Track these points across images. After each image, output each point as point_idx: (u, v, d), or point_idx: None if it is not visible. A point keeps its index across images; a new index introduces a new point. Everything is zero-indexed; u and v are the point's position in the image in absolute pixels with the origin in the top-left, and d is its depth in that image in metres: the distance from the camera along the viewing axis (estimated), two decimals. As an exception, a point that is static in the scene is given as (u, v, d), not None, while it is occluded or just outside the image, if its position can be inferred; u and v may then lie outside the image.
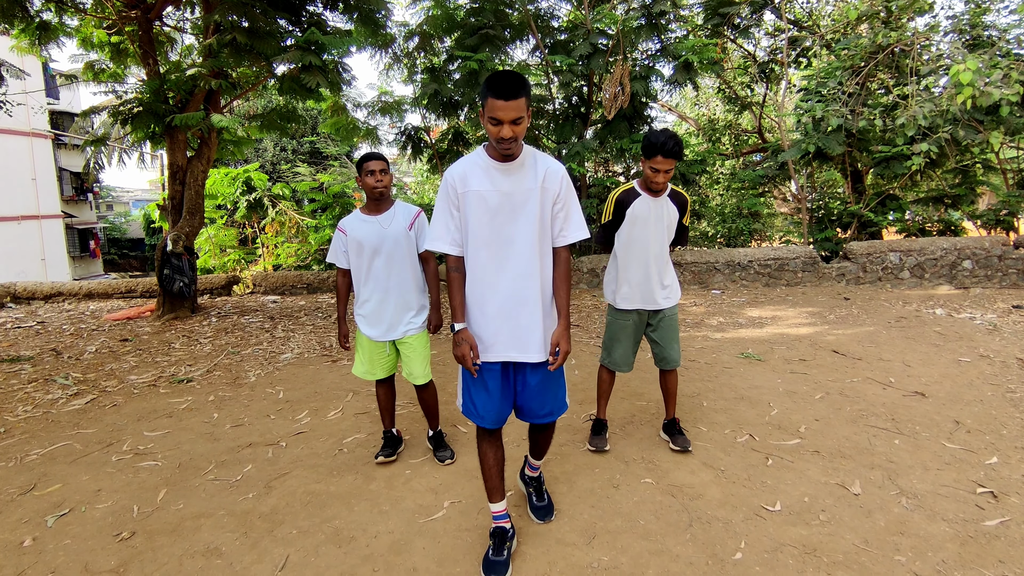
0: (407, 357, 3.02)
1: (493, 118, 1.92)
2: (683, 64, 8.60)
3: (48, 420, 3.76)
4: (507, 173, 2.06)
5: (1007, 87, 6.63)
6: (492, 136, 1.97)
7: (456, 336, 2.12)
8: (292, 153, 21.80)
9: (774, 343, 5.21)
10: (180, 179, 7.28)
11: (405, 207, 3.01)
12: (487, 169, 2.07)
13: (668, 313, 3.08)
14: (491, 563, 2.13)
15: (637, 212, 2.96)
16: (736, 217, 11.78)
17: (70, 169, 26.46)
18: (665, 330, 3.08)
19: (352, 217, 3.00)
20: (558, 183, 2.10)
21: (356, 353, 3.10)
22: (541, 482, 2.50)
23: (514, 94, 1.89)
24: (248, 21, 6.42)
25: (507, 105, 1.89)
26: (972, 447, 3.04)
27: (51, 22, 7.14)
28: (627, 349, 3.12)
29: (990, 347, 4.81)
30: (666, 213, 2.97)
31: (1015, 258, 7.73)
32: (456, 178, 2.09)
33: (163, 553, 2.29)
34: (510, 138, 1.94)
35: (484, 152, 2.09)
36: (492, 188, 2.05)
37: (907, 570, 2.09)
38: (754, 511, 2.50)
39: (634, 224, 2.97)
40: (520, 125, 1.94)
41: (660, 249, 3.00)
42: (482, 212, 2.06)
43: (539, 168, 2.08)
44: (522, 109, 1.91)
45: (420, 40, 9.14)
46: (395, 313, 2.94)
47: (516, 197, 2.05)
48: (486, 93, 1.92)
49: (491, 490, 2.25)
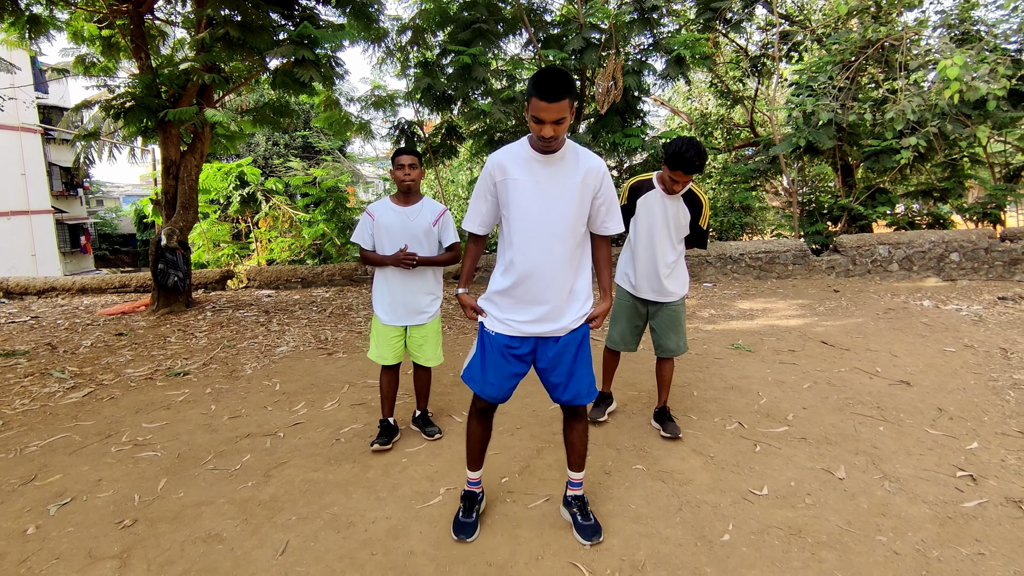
0: (420, 344, 3.19)
1: (536, 117, 1.97)
2: (675, 58, 8.65)
3: (46, 413, 3.79)
4: (547, 165, 2.12)
5: (994, 82, 6.73)
6: (534, 132, 2.03)
7: (459, 297, 2.35)
8: (284, 148, 21.73)
9: (764, 334, 5.30)
10: (173, 174, 7.27)
11: (433, 204, 3.17)
12: (528, 160, 2.13)
13: (672, 306, 3.17)
14: (461, 524, 2.32)
15: (648, 203, 3.07)
16: (728, 211, 11.85)
17: (60, 164, 26.21)
18: (664, 320, 3.18)
19: (382, 204, 3.16)
20: (599, 180, 2.17)
21: (371, 337, 3.25)
22: (585, 502, 2.37)
23: (558, 96, 1.91)
24: (241, 15, 6.41)
25: (550, 107, 1.92)
26: (954, 433, 3.13)
27: (41, 15, 7.08)
28: (624, 329, 3.26)
29: (975, 337, 4.91)
30: (677, 212, 3.05)
31: (1001, 251, 7.86)
32: (495, 167, 2.17)
33: (165, 539, 2.34)
34: (551, 137, 2.01)
35: (527, 142, 2.15)
36: (531, 179, 2.12)
37: (888, 549, 2.17)
38: (742, 495, 2.57)
39: (645, 216, 3.08)
40: (562, 125, 1.98)
41: (666, 246, 3.07)
42: (520, 200, 2.13)
43: (580, 164, 2.14)
44: (564, 111, 1.94)
45: (413, 34, 9.13)
46: (411, 301, 3.11)
47: (553, 189, 2.12)
48: (532, 92, 1.95)
49: (471, 460, 2.42)
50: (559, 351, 2.22)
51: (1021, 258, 7.76)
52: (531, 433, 3.29)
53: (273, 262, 12.14)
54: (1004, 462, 2.79)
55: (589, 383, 2.27)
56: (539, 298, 2.16)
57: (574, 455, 2.36)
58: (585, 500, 2.38)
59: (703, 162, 2.83)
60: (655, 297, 3.15)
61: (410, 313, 3.13)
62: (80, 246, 27.59)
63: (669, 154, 2.85)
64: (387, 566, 2.15)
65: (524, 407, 3.60)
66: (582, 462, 2.37)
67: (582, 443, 2.35)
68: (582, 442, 2.35)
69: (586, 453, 2.37)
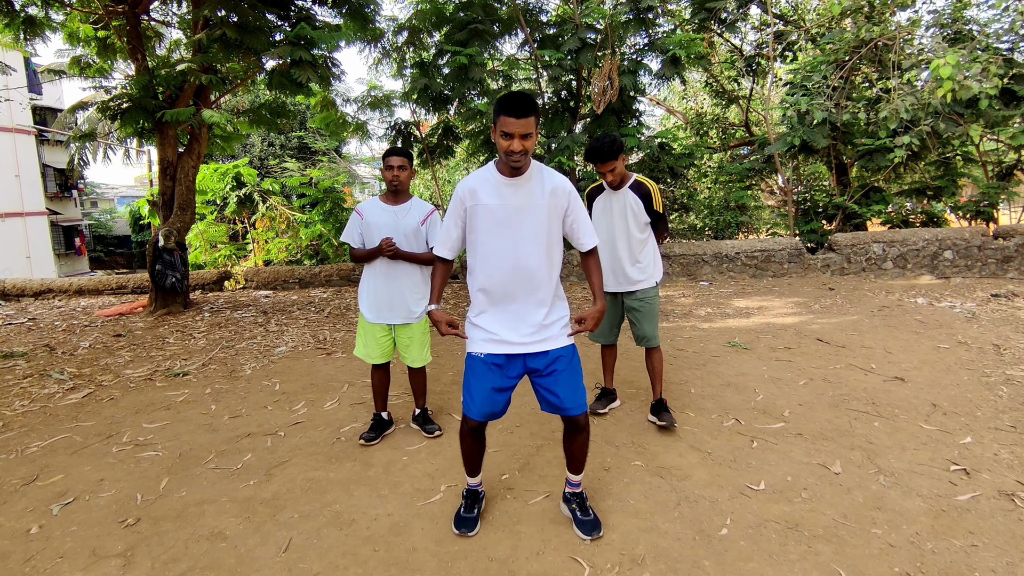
0: (406, 344, 3.22)
1: (505, 132, 2.05)
2: (671, 58, 8.70)
3: (46, 414, 3.80)
4: (515, 187, 2.18)
5: (986, 81, 6.79)
6: (503, 150, 2.09)
7: (431, 315, 2.33)
8: (280, 148, 21.69)
9: (760, 332, 5.34)
10: (171, 175, 7.27)
11: (421, 204, 3.21)
12: (496, 184, 2.19)
13: (641, 295, 3.34)
14: (462, 519, 2.37)
15: (601, 205, 3.35)
16: (724, 210, 11.92)
17: (54, 166, 26.12)
18: (638, 310, 3.36)
19: (371, 203, 3.20)
20: (566, 197, 2.24)
21: (357, 335, 3.28)
22: (584, 498, 2.40)
23: (524, 113, 2.03)
24: (237, 16, 6.42)
25: (518, 122, 2.03)
26: (948, 428, 3.17)
27: (37, 17, 7.08)
28: (602, 324, 3.44)
29: (968, 334, 4.97)
30: (627, 203, 3.26)
31: (994, 248, 7.93)
32: (466, 192, 2.23)
33: (169, 537, 2.35)
34: (520, 151, 2.07)
35: (494, 168, 2.22)
36: (500, 203, 2.18)
37: (883, 542, 2.21)
38: (739, 490, 2.60)
39: (600, 216, 3.34)
40: (529, 140, 2.07)
41: (626, 236, 3.29)
42: (491, 224, 2.19)
43: (545, 184, 2.21)
44: (531, 126, 2.05)
45: (409, 34, 9.16)
46: (396, 299, 3.13)
47: (524, 211, 2.18)
48: (499, 111, 2.06)
49: (469, 470, 2.47)
50: (548, 365, 2.24)
51: (1014, 255, 7.84)
52: (530, 431, 3.32)
53: (270, 263, 12.13)
54: (997, 456, 2.83)
55: (582, 394, 2.29)
56: (517, 318, 2.21)
57: (573, 462, 2.39)
58: (584, 496, 2.41)
59: (613, 148, 3.08)
60: (625, 287, 3.34)
61: (395, 312, 3.14)
62: (75, 248, 27.49)
63: (590, 154, 3.16)
64: (390, 562, 2.17)
65: (523, 404, 3.63)
66: (581, 467, 2.40)
67: (582, 452, 2.37)
68: (582, 452, 2.37)
69: (585, 460, 2.40)
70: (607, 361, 3.65)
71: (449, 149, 10.31)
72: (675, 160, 9.40)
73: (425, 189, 16.86)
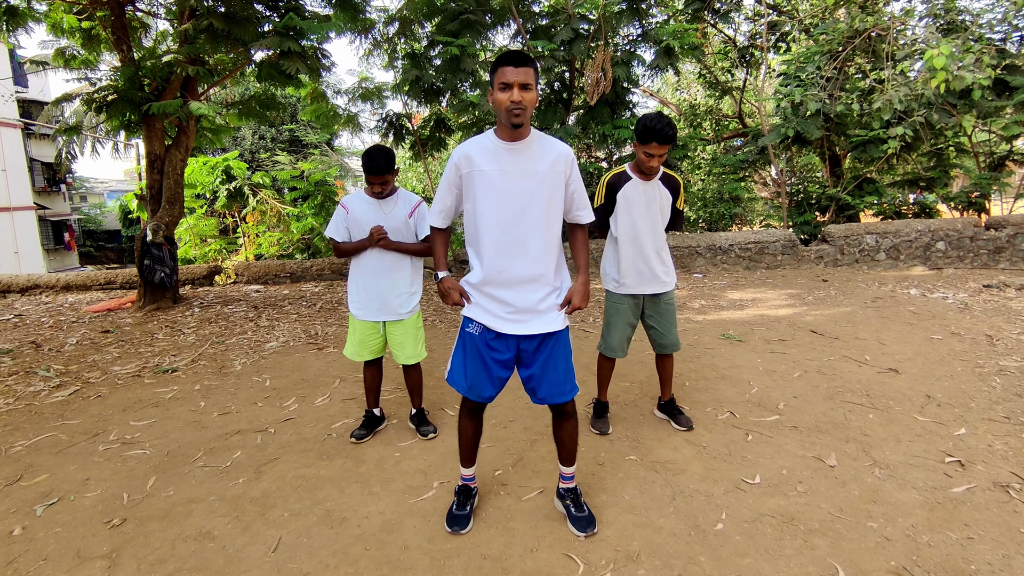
0: (399, 341, 3.12)
1: (504, 83, 1.96)
2: (664, 49, 8.63)
3: (31, 412, 3.73)
4: (516, 153, 2.07)
5: (979, 71, 6.77)
6: (502, 106, 1.98)
7: (440, 284, 2.22)
8: (271, 141, 21.51)
9: (754, 324, 5.33)
10: (158, 168, 7.16)
11: (407, 195, 3.09)
12: (495, 151, 2.08)
13: (665, 298, 3.10)
14: (454, 516, 2.32)
15: (628, 195, 2.99)
16: (717, 201, 11.91)
17: (41, 159, 25.79)
18: (662, 315, 3.11)
19: (356, 196, 3.08)
20: (569, 166, 2.14)
21: (348, 334, 3.19)
22: (578, 494, 2.36)
23: (523, 62, 1.96)
24: (224, 6, 6.31)
25: (516, 71, 1.95)
26: (942, 420, 3.16)
27: (19, 7, 6.92)
28: (622, 334, 3.13)
29: (961, 325, 4.97)
30: (658, 196, 2.99)
31: (986, 239, 7.95)
32: (462, 158, 2.12)
33: (155, 538, 2.31)
34: (519, 101, 1.95)
35: (493, 134, 2.11)
36: (499, 169, 2.07)
37: (879, 535, 2.19)
38: (734, 484, 2.58)
39: (626, 207, 2.99)
40: (529, 92, 1.97)
41: (654, 232, 3.01)
42: (489, 192, 2.08)
43: (548, 151, 2.10)
44: (530, 77, 1.96)
45: (400, 25, 9.03)
46: (386, 296, 3.03)
47: (525, 179, 2.07)
48: (496, 66, 1.99)
49: (464, 458, 2.42)
50: (538, 349, 2.18)
51: (1005, 246, 7.86)
52: (524, 425, 3.29)
53: (261, 257, 12.03)
54: (991, 447, 2.83)
55: (570, 380, 2.24)
56: (515, 294, 2.12)
57: (564, 451, 2.35)
58: (578, 492, 2.38)
59: (674, 130, 2.80)
60: (651, 289, 3.05)
61: (386, 309, 3.04)
62: (64, 243, 27.21)
63: (640, 130, 2.82)
64: (381, 561, 2.14)
65: (517, 399, 3.60)
66: (573, 457, 2.36)
67: (572, 440, 2.33)
68: (572, 439, 2.33)
69: (576, 448, 2.36)
70: (605, 373, 3.28)
71: (441, 141, 10.20)
72: (669, 152, 9.36)
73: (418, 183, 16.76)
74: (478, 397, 2.23)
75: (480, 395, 2.22)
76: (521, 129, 2.04)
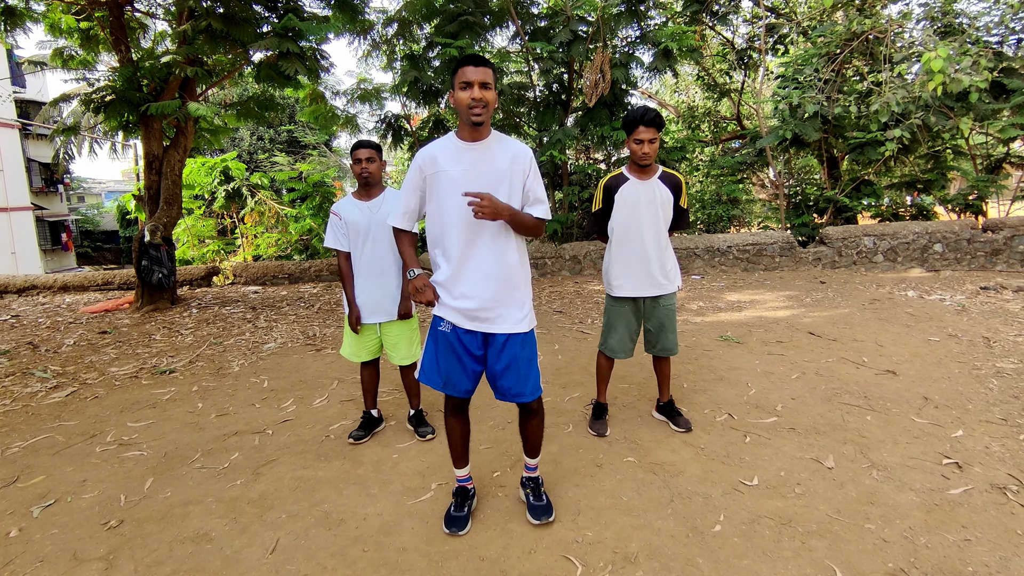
0: (394, 342, 3.14)
1: (464, 82, 2.04)
2: (663, 51, 8.65)
3: (28, 413, 3.72)
4: (478, 153, 2.14)
5: (976, 74, 6.79)
6: (463, 104, 2.05)
7: (413, 281, 2.20)
8: (269, 142, 21.49)
9: (752, 326, 5.33)
10: (156, 169, 7.15)
11: (395, 194, 3.07)
12: (458, 151, 2.15)
13: (665, 302, 3.07)
14: (452, 518, 2.34)
15: (626, 196, 2.96)
16: (715, 203, 11.93)
17: (39, 160, 25.72)
18: (661, 319, 3.08)
19: (345, 201, 3.09)
20: (527, 163, 2.20)
21: (344, 334, 3.20)
22: (539, 483, 2.44)
23: (482, 63, 2.05)
24: (223, 7, 6.31)
25: (476, 70, 2.04)
26: (939, 421, 3.17)
27: (17, 7, 6.92)
28: (623, 336, 3.12)
29: (958, 327, 4.98)
30: (658, 195, 2.96)
31: (983, 241, 7.97)
32: (426, 160, 2.17)
33: (153, 539, 2.30)
34: (479, 99, 2.03)
35: (455, 135, 2.18)
36: (462, 169, 2.12)
37: (876, 537, 2.19)
38: (732, 486, 2.59)
39: (625, 209, 2.96)
40: (488, 92, 2.05)
41: (656, 233, 2.97)
42: (453, 192, 2.12)
43: (507, 150, 2.17)
44: (489, 77, 2.05)
45: (399, 27, 9.05)
46: (379, 297, 3.04)
47: (487, 178, 2.12)
48: (457, 67, 2.07)
49: (456, 458, 2.43)
50: (503, 349, 2.20)
51: (1002, 248, 7.88)
52: (522, 427, 3.28)
53: (259, 258, 12.02)
54: (988, 449, 2.83)
55: (533, 381, 2.25)
56: (476, 290, 2.15)
57: (528, 445, 2.42)
58: (539, 481, 2.46)
59: (659, 115, 2.82)
60: (653, 291, 3.01)
61: (381, 311, 3.05)
62: (61, 243, 27.13)
63: (625, 123, 2.87)
64: (379, 562, 2.13)
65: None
66: (536, 450, 2.43)
67: (536, 435, 2.40)
68: (536, 435, 2.40)
69: (540, 442, 2.42)
70: (603, 373, 3.25)
71: (440, 143, 10.20)
72: (667, 153, 9.37)
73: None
74: (455, 391, 2.25)
75: (456, 389, 2.24)
76: (481, 128, 2.11)
